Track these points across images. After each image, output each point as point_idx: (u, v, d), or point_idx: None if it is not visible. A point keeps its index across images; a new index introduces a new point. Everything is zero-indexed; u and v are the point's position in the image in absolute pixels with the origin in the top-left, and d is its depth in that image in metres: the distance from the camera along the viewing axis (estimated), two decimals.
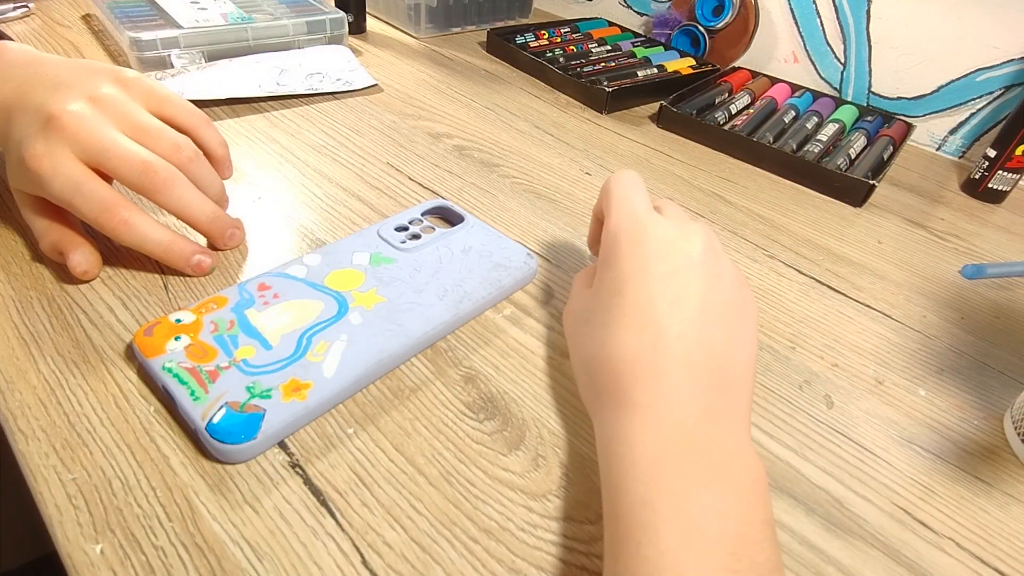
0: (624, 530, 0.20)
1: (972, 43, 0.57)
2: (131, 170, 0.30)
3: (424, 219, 0.38)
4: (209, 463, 0.24)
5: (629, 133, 0.56)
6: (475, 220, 0.38)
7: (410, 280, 0.33)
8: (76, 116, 0.29)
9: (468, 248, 0.36)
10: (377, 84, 0.58)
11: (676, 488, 0.21)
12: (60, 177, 0.29)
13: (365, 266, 0.33)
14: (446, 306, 0.31)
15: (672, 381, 0.23)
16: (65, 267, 0.31)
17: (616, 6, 0.83)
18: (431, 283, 0.33)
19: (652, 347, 0.24)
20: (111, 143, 0.30)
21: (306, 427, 0.26)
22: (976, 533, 0.26)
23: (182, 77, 0.51)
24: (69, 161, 0.29)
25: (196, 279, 0.33)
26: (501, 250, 0.36)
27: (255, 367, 0.27)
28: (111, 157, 0.29)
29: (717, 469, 0.21)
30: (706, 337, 0.25)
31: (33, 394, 0.26)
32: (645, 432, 0.22)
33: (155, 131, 0.31)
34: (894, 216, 0.49)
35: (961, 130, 0.60)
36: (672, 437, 0.22)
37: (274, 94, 0.52)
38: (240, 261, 0.35)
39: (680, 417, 0.22)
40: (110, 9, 0.57)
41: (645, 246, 0.27)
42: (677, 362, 0.24)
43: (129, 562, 0.21)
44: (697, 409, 0.23)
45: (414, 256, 0.34)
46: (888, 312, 0.38)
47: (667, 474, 0.21)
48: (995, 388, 0.34)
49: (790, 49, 0.69)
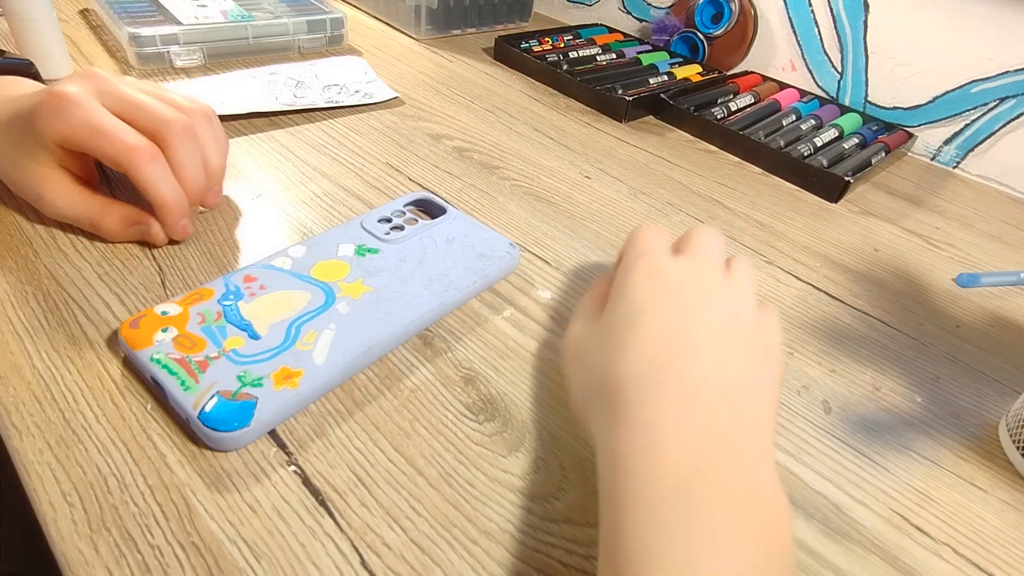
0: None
1: (967, 55, 0.58)
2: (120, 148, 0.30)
3: (407, 211, 0.38)
4: (206, 462, 0.24)
5: (628, 137, 0.56)
6: (457, 212, 0.38)
7: (395, 270, 0.33)
8: (71, 88, 0.30)
9: (451, 239, 0.36)
10: (399, 96, 0.56)
11: (680, 537, 0.18)
12: (85, 104, 0.30)
13: (350, 257, 0.33)
14: (432, 294, 0.32)
15: (681, 396, 0.21)
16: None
17: (615, 11, 0.83)
18: (416, 273, 0.33)
19: (661, 363, 0.22)
20: (105, 110, 0.31)
21: (305, 426, 0.26)
22: (973, 539, 0.26)
23: (193, 86, 0.50)
24: (90, 98, 0.30)
25: (194, 277, 0.33)
26: (484, 240, 0.36)
27: (245, 356, 0.27)
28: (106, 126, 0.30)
29: (732, 509, 0.19)
30: (725, 363, 0.23)
31: (28, 390, 0.26)
32: (650, 455, 0.20)
33: (146, 105, 0.32)
34: (890, 224, 0.49)
35: (955, 140, 0.61)
36: (679, 462, 0.19)
37: (294, 107, 0.50)
38: (238, 257, 0.34)
39: (690, 442, 0.20)
40: (109, 4, 0.57)
41: (663, 277, 0.26)
42: (687, 381, 0.22)
43: (125, 561, 0.21)
44: (712, 435, 0.20)
45: (399, 247, 0.35)
46: (885, 319, 0.38)
47: (673, 515, 0.18)
48: (990, 396, 0.34)
49: (788, 57, 0.69)
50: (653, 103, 0.61)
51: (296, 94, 0.52)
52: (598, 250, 0.40)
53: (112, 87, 0.31)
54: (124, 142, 0.30)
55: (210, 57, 0.56)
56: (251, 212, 0.38)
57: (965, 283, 0.43)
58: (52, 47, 0.48)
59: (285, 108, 0.50)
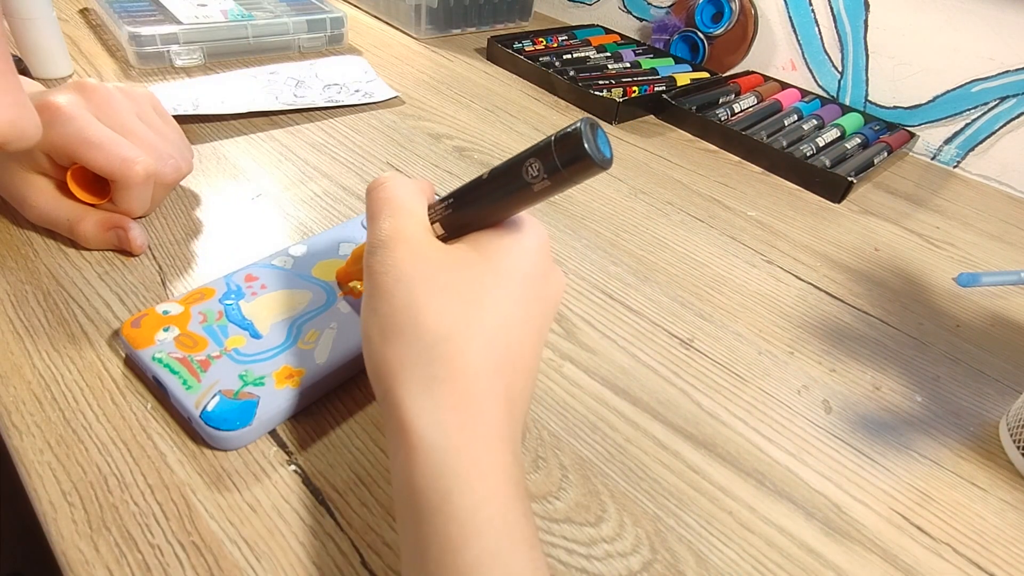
0: None
1: (968, 54, 0.58)
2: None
3: None
4: (207, 461, 0.24)
5: (628, 137, 0.56)
6: None
7: None
8: (62, 98, 0.30)
9: None
10: (399, 96, 0.56)
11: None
12: (78, 116, 0.30)
13: None
14: None
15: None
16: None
17: (615, 11, 0.83)
18: None
19: None
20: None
21: (305, 426, 0.26)
22: (972, 539, 0.26)
23: (194, 86, 0.50)
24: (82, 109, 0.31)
25: (195, 276, 0.33)
26: None
27: (247, 356, 0.27)
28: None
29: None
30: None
31: (28, 389, 0.26)
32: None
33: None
34: (890, 224, 0.49)
35: (956, 140, 0.61)
36: None
37: (294, 107, 0.50)
38: (239, 256, 0.34)
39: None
40: (108, 4, 0.57)
41: None
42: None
43: (125, 560, 0.21)
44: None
45: None
46: (885, 319, 0.38)
47: None
48: (991, 395, 0.34)
49: (788, 57, 0.69)
50: (654, 103, 0.61)
51: (296, 93, 0.52)
52: (598, 249, 0.40)
53: (103, 100, 0.32)
54: (118, 155, 0.30)
55: (210, 56, 0.56)
56: (251, 212, 0.38)
57: (965, 282, 0.43)
58: (52, 47, 0.48)
59: (285, 107, 0.50)
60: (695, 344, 0.34)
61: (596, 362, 0.32)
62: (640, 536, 0.24)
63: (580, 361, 0.32)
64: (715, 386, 0.31)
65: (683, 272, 0.40)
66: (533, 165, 0.21)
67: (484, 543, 0.17)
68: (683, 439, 0.28)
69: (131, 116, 0.32)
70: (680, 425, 0.29)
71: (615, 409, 0.29)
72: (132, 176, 0.30)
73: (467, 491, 0.18)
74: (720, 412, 0.30)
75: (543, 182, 0.21)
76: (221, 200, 0.39)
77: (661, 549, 0.24)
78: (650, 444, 0.28)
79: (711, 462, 0.28)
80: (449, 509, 0.18)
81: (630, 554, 0.24)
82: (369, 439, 0.26)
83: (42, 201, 0.32)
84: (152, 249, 0.34)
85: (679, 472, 0.27)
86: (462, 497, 0.18)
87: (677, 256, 0.41)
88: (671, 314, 0.36)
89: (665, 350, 0.33)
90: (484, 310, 0.21)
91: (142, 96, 0.34)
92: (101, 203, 0.32)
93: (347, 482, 0.24)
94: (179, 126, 0.36)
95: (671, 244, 0.42)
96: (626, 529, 0.24)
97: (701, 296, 0.38)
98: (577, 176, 0.21)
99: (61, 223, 0.32)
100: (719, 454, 0.28)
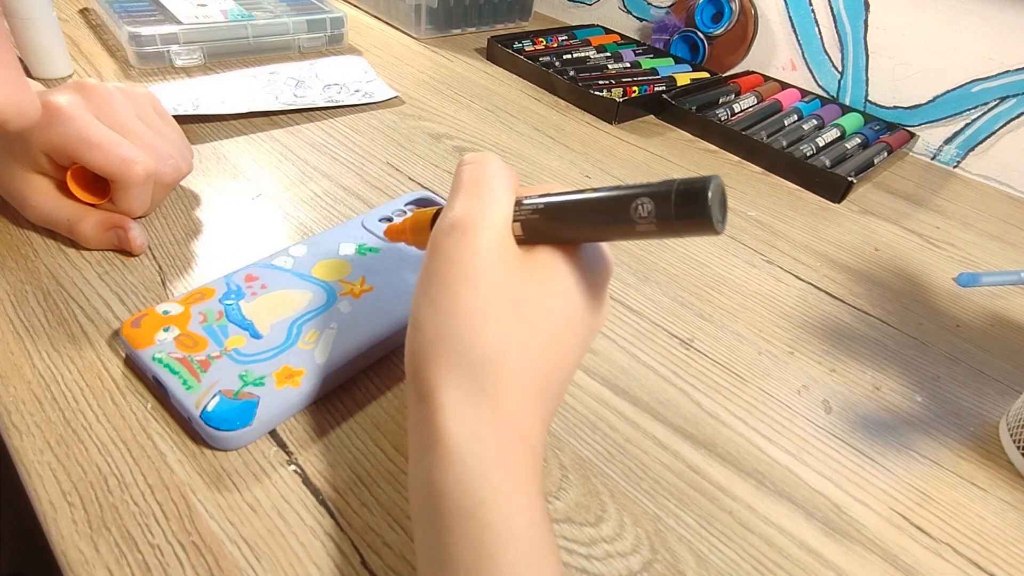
0: None
1: (968, 54, 0.58)
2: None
3: (407, 210, 0.38)
4: (207, 461, 0.24)
5: (629, 137, 0.56)
6: None
7: (397, 269, 0.33)
8: (62, 99, 0.31)
9: None
10: (399, 96, 0.56)
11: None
12: (78, 116, 0.30)
13: (351, 256, 0.33)
14: None
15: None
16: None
17: (615, 11, 0.83)
18: (418, 271, 0.33)
19: None
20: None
21: (305, 426, 0.26)
22: (972, 539, 0.26)
23: (194, 86, 0.50)
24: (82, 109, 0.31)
25: (195, 276, 0.33)
26: None
27: (247, 356, 0.27)
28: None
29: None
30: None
31: (28, 389, 0.26)
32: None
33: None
34: (890, 224, 0.49)
35: (956, 140, 0.61)
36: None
37: (294, 107, 0.50)
38: (239, 256, 0.34)
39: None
40: (108, 3, 0.57)
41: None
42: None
43: (125, 560, 0.21)
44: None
45: (400, 246, 0.35)
46: (885, 319, 0.38)
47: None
48: (991, 395, 0.34)
49: (788, 57, 0.69)
50: (654, 103, 0.61)
51: (296, 93, 0.52)
52: None
53: (103, 100, 0.32)
54: (118, 155, 0.30)
55: (210, 56, 0.56)
56: (251, 212, 0.38)
57: (965, 282, 0.43)
58: (52, 46, 0.48)
59: (285, 107, 0.50)
60: (695, 344, 0.34)
61: (596, 362, 0.32)
62: (640, 536, 0.24)
63: None
64: (715, 386, 0.31)
65: (683, 272, 0.40)
66: (644, 205, 0.19)
67: (518, 551, 0.18)
68: (683, 439, 0.28)
69: (131, 116, 0.32)
70: (680, 425, 0.29)
71: (615, 409, 0.29)
72: (132, 176, 0.30)
73: (503, 501, 0.18)
74: (720, 412, 0.30)
75: (649, 225, 0.19)
76: (221, 200, 0.39)
77: (661, 549, 0.24)
78: (650, 444, 0.28)
79: (711, 462, 0.28)
80: (483, 516, 0.18)
81: (630, 554, 0.24)
82: (369, 439, 0.26)
83: (42, 201, 0.32)
84: (152, 249, 0.34)
85: (679, 472, 0.27)
86: (498, 506, 0.18)
87: (677, 256, 0.41)
88: (671, 314, 0.36)
89: (665, 350, 0.33)
90: (539, 332, 0.21)
91: (142, 96, 0.34)
92: (101, 203, 0.32)
93: (347, 482, 0.24)
94: (179, 126, 0.36)
95: (671, 244, 0.42)
96: (626, 529, 0.24)
97: (701, 296, 0.38)
98: (686, 231, 0.19)
99: (61, 223, 0.32)
100: (719, 454, 0.28)
